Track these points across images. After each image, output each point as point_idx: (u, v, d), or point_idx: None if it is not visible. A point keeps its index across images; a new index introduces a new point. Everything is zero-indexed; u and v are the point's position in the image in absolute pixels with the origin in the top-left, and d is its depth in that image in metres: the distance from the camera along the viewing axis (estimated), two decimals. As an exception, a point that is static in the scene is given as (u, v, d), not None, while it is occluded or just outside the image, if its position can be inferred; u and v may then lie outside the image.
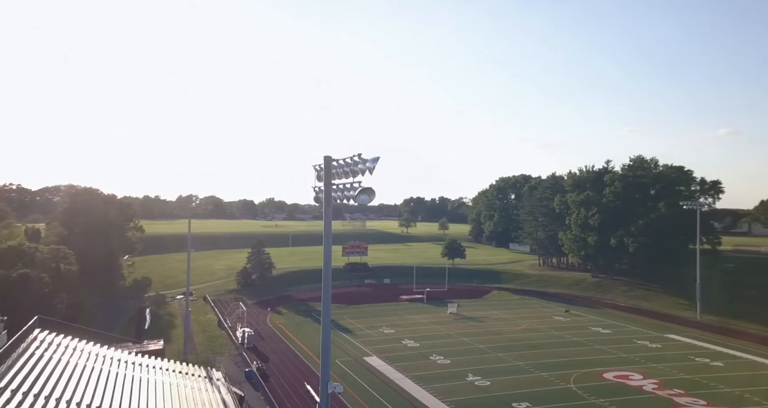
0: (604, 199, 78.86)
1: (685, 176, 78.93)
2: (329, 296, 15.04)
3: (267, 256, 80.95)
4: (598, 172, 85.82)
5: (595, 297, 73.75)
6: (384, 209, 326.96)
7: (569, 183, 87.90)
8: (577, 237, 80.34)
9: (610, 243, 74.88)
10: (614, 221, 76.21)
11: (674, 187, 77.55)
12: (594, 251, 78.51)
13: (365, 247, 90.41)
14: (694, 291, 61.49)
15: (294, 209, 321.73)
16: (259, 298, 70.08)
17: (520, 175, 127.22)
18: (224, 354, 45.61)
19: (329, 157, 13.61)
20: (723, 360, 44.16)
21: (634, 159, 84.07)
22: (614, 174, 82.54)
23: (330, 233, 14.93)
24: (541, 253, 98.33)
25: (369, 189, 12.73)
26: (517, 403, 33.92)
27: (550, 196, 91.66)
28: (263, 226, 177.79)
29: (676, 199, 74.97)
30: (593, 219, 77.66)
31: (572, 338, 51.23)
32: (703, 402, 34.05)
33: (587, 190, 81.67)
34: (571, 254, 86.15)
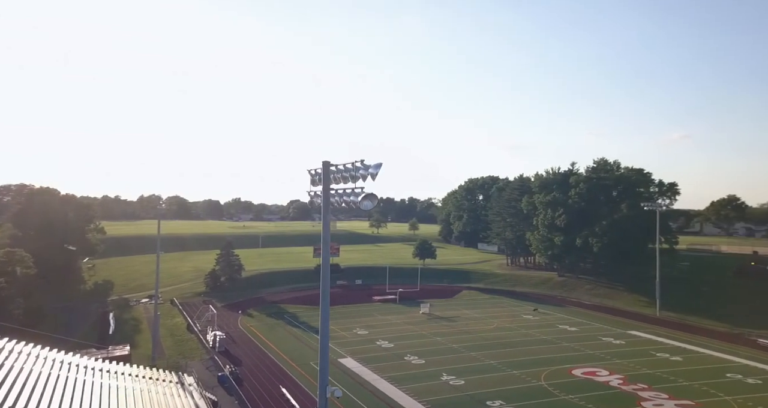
0: (570, 200, 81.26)
1: (644, 178, 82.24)
2: (327, 300, 15.01)
3: (236, 257, 79.49)
4: (563, 173, 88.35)
5: (561, 296, 76.01)
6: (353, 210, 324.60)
7: (536, 184, 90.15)
8: (544, 237, 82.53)
9: (575, 243, 77.27)
10: (579, 222, 78.70)
11: (635, 188, 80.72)
12: (560, 251, 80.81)
13: (337, 249, 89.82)
14: (653, 289, 64.22)
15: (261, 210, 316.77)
16: (229, 301, 68.73)
17: (488, 176, 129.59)
18: (195, 358, 44.54)
19: (327, 162, 13.54)
20: (682, 355, 46.33)
21: (597, 161, 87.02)
22: (579, 176, 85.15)
23: (328, 238, 14.89)
24: (509, 253, 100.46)
25: (372, 194, 12.74)
26: (491, 401, 34.60)
27: (518, 197, 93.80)
28: (230, 227, 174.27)
29: (636, 201, 78.23)
30: (560, 219, 79.95)
31: (541, 336, 52.63)
32: (665, 395, 35.65)
33: (554, 192, 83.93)
34: (539, 254, 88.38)
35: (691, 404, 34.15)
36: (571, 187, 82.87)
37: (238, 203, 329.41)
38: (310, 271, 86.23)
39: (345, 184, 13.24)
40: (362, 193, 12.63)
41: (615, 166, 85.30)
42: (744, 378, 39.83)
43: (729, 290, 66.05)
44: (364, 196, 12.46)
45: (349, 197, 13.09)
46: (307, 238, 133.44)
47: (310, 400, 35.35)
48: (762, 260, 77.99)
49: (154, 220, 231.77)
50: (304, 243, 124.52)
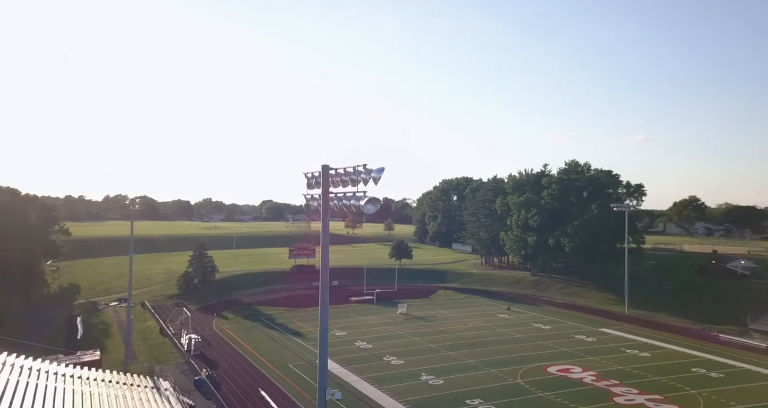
0: (543, 201, 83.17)
1: (613, 180, 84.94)
2: (327, 302, 15.02)
3: (210, 259, 78.02)
4: (536, 175, 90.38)
5: (534, 294, 77.71)
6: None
7: (510, 185, 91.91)
8: (518, 237, 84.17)
9: (548, 243, 79.15)
10: (552, 222, 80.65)
11: (604, 190, 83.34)
12: (533, 251, 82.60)
13: (313, 249, 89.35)
14: (622, 287, 66.42)
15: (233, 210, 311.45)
16: (203, 303, 67.41)
17: (462, 177, 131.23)
18: (169, 362, 43.50)
19: (327, 166, 13.50)
20: (649, 351, 48.06)
21: (568, 163, 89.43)
22: (551, 177, 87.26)
23: (327, 242, 14.86)
24: (483, 253, 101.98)
25: (375, 198, 12.77)
26: (470, 400, 35.09)
27: (492, 197, 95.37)
28: (202, 228, 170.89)
29: (606, 202, 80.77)
30: (533, 220, 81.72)
31: (516, 335, 53.69)
32: (635, 391, 36.94)
33: (527, 193, 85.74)
34: (513, 254, 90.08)
35: (660, 398, 35.50)
36: (544, 188, 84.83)
37: (208, 203, 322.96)
38: (285, 273, 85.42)
39: (344, 188, 13.26)
40: (364, 196, 12.65)
41: (585, 167, 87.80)
42: (708, 372, 41.64)
43: (692, 288, 68.89)
44: (368, 200, 12.49)
45: (349, 201, 13.10)
46: (281, 239, 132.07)
47: (290, 403, 35.09)
48: (722, 259, 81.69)
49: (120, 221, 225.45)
50: (278, 244, 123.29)
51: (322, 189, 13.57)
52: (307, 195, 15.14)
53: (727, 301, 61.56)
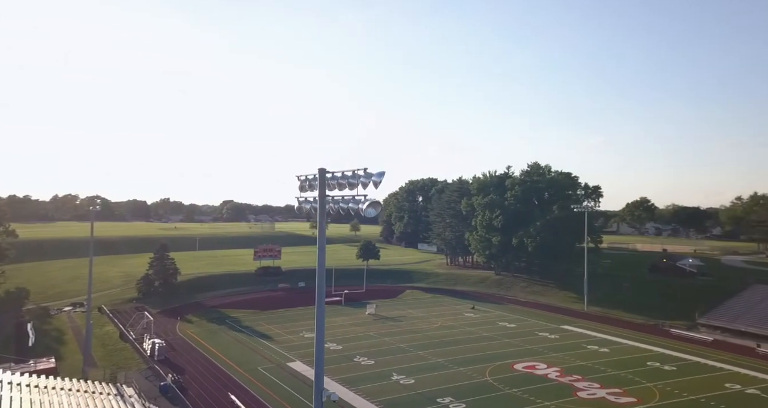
0: (506, 202, 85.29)
1: (572, 182, 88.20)
2: (323, 305, 14.95)
3: (171, 260, 75.64)
4: (500, 176, 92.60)
5: (498, 293, 79.65)
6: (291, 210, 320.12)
7: (475, 187, 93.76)
8: (483, 237, 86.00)
9: (512, 243, 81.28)
10: (515, 222, 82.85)
11: (564, 191, 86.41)
12: (498, 250, 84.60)
13: (278, 251, 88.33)
14: (581, 285, 69.08)
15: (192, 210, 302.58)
16: (165, 307, 65.34)
17: (428, 178, 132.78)
18: (132, 368, 41.96)
19: (324, 169, 13.45)
20: (608, 346, 50.25)
21: (531, 165, 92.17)
22: (514, 179, 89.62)
23: (324, 245, 14.84)
24: (448, 253, 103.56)
25: (376, 201, 12.81)
26: (441, 399, 35.68)
27: (458, 198, 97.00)
28: (161, 229, 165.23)
29: (566, 203, 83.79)
30: (497, 220, 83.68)
31: (483, 333, 54.90)
32: (597, 385, 38.58)
33: (491, 194, 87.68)
34: (477, 253, 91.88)
35: (620, 392, 37.23)
36: (507, 189, 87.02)
37: (166, 203, 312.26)
38: (250, 275, 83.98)
39: (341, 191, 13.26)
40: (365, 200, 12.70)
41: (546, 169, 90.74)
42: (662, 365, 43.98)
43: (645, 285, 72.48)
44: (369, 203, 12.55)
45: (347, 204, 13.11)
46: (244, 241, 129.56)
47: (261, 406, 34.63)
48: (671, 258, 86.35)
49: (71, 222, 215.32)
50: (241, 245, 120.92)
51: (319, 192, 13.53)
52: (300, 197, 15.05)
53: (676, 298, 65.08)
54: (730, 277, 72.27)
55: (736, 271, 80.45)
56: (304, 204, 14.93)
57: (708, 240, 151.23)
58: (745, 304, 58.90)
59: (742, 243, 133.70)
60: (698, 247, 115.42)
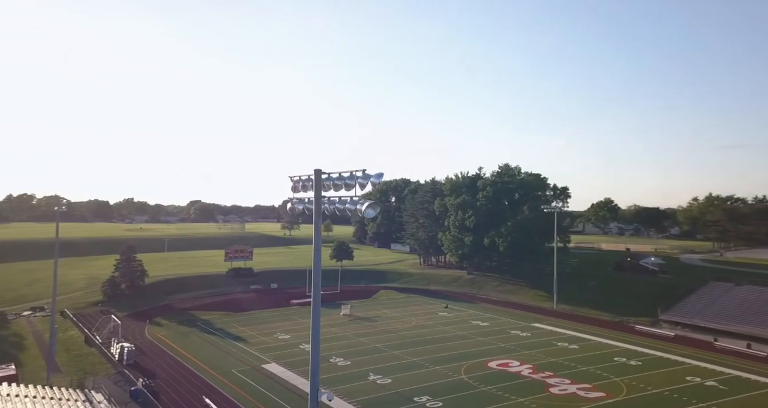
0: (478, 202, 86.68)
1: (541, 183, 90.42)
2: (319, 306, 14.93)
3: (139, 262, 73.56)
4: (472, 177, 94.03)
5: (471, 293, 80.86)
6: (260, 210, 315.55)
7: (447, 187, 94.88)
8: (455, 237, 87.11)
9: (484, 242, 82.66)
10: (487, 223, 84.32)
11: (534, 192, 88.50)
12: (470, 250, 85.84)
13: (250, 252, 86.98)
14: (551, 284, 70.91)
15: (158, 211, 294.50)
16: (132, 310, 63.42)
17: (401, 178, 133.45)
18: (99, 374, 40.62)
19: (319, 170, 13.39)
20: (578, 343, 51.80)
21: (501, 166, 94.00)
22: (486, 180, 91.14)
23: (319, 245, 14.79)
24: (421, 253, 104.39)
25: (374, 203, 12.83)
26: (418, 397, 36.03)
27: (431, 199, 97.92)
28: (125, 230, 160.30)
29: (536, 203, 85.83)
30: (469, 221, 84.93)
31: (457, 332, 55.66)
32: (568, 381, 39.75)
33: (463, 195, 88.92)
34: (450, 253, 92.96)
35: (590, 387, 38.48)
36: (479, 190, 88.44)
37: (130, 204, 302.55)
38: (221, 276, 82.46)
39: (335, 192, 13.27)
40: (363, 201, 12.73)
41: (516, 170, 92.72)
42: (628, 360, 45.67)
43: (610, 283, 74.96)
44: (368, 204, 12.60)
45: (344, 205, 13.13)
46: (214, 241, 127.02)
47: None
48: (635, 256, 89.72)
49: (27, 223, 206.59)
50: (211, 246, 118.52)
51: (314, 193, 13.51)
52: (293, 198, 14.97)
53: (640, 295, 67.60)
54: (689, 275, 75.60)
55: (694, 268, 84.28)
56: (296, 205, 14.86)
57: (667, 239, 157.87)
58: (703, 301, 61.76)
59: (698, 242, 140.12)
60: (659, 246, 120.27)
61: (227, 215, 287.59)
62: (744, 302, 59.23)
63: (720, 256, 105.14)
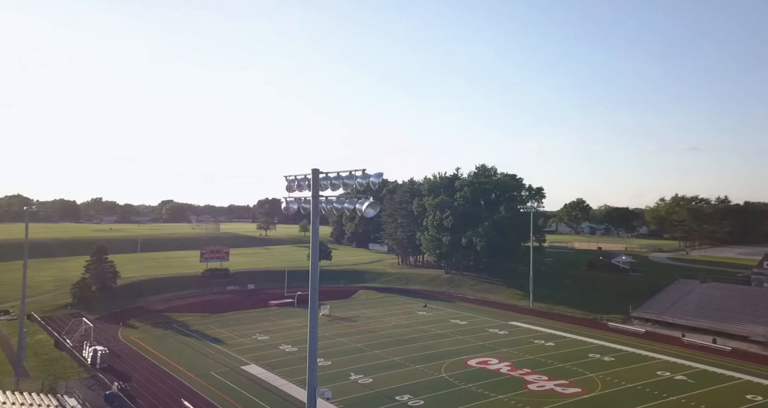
0: (456, 202, 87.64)
1: (517, 183, 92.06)
2: (316, 307, 14.86)
3: (110, 263, 71.57)
4: (450, 178, 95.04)
5: (449, 292, 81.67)
6: (235, 210, 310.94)
7: (425, 187, 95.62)
8: (434, 237, 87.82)
9: (461, 242, 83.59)
10: (465, 222, 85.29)
11: (510, 192, 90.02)
12: (448, 250, 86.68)
13: (226, 252, 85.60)
14: (527, 283, 72.27)
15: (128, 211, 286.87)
16: (104, 312, 61.72)
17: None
18: (71, 378, 39.37)
19: (317, 170, 13.31)
20: (554, 340, 52.97)
21: (478, 167, 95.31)
22: (463, 180, 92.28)
23: (317, 245, 14.71)
24: (399, 252, 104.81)
25: (375, 202, 12.83)
26: (400, 396, 36.24)
27: (409, 199, 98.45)
28: (94, 231, 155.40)
29: (512, 203, 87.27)
30: (447, 220, 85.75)
31: (436, 331, 56.16)
32: (545, 377, 40.64)
33: (441, 195, 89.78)
34: (428, 253, 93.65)
35: (566, 383, 39.44)
36: (457, 190, 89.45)
37: (98, 204, 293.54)
38: (196, 277, 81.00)
39: (333, 192, 13.25)
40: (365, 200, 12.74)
41: (493, 171, 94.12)
42: (602, 357, 46.99)
43: (584, 282, 76.95)
44: (369, 203, 12.60)
45: (342, 204, 13.10)
46: (188, 242, 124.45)
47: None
48: (606, 255, 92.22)
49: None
50: (185, 247, 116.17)
51: (312, 193, 13.45)
52: (288, 198, 14.88)
53: (612, 293, 69.62)
54: (658, 273, 78.25)
55: (662, 267, 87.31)
56: (291, 204, 14.80)
57: (636, 238, 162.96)
58: (671, 298, 64.02)
59: (665, 241, 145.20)
60: (628, 245, 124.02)
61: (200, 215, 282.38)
62: (709, 299, 61.69)
63: (686, 254, 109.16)
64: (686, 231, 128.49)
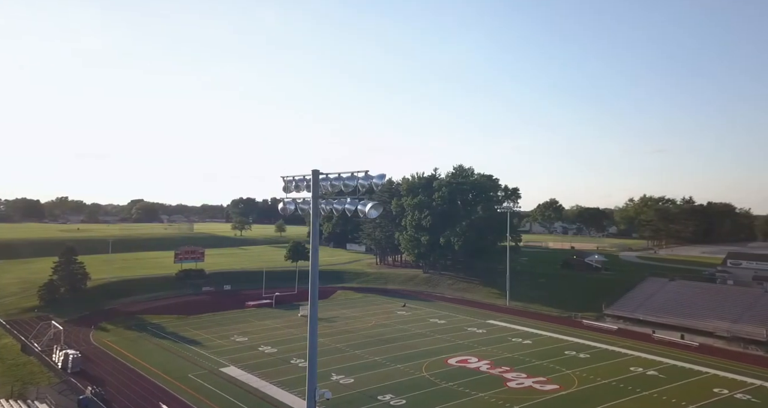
0: (434, 202, 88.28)
1: (493, 183, 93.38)
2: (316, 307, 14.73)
3: (80, 265, 69.40)
4: (428, 178, 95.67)
5: (427, 291, 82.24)
6: (208, 210, 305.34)
7: (404, 188, 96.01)
8: (412, 237, 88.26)
9: (439, 242, 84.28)
10: (443, 222, 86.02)
11: (487, 192, 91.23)
12: (426, 249, 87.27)
13: (201, 253, 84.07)
14: (503, 282, 73.43)
15: (95, 210, 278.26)
16: (74, 315, 59.76)
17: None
18: (41, 383, 38.03)
19: (317, 171, 13.17)
20: (531, 338, 53.96)
21: (456, 167, 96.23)
22: (441, 180, 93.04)
23: (317, 246, 14.55)
24: (378, 252, 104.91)
25: (378, 203, 12.76)
26: (382, 396, 36.33)
27: (388, 199, 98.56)
28: (61, 231, 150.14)
29: (489, 203, 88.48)
30: (425, 220, 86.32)
31: (416, 330, 56.47)
32: (524, 375, 41.39)
33: (420, 195, 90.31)
34: (407, 252, 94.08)
35: (544, 380, 40.28)
36: (435, 190, 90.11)
37: (64, 203, 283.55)
38: (171, 278, 79.24)
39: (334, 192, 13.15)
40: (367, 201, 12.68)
41: (470, 171, 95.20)
42: (577, 353, 48.17)
43: (558, 280, 78.70)
44: (372, 204, 12.55)
45: (342, 205, 13.03)
46: (161, 242, 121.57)
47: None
48: (580, 254, 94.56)
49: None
50: (158, 247, 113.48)
51: (312, 194, 13.34)
52: (285, 198, 14.72)
53: (586, 291, 71.41)
54: (628, 272, 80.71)
55: (632, 265, 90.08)
56: (289, 205, 14.66)
57: (607, 238, 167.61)
58: (642, 296, 66.11)
59: (634, 240, 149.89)
60: (600, 244, 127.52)
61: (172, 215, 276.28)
62: (677, 296, 63.99)
63: (654, 253, 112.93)
64: (654, 230, 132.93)
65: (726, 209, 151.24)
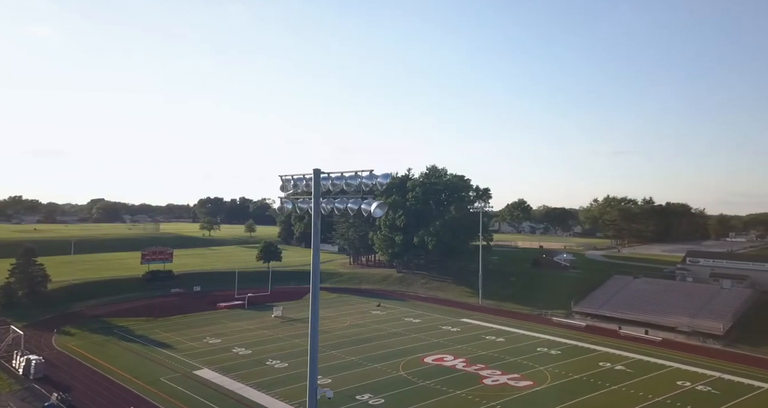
0: (408, 202, 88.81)
1: (465, 184, 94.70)
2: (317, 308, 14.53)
3: (39, 267, 66.36)
4: (402, 178, 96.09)
5: (401, 290, 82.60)
6: (174, 210, 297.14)
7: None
8: (386, 237, 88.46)
9: (413, 241, 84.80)
10: (416, 222, 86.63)
11: (459, 193, 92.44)
12: (400, 249, 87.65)
13: (170, 253, 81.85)
14: (475, 280, 74.55)
15: (52, 210, 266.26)
16: (34, 319, 57.19)
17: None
18: (2, 391, 36.40)
19: (318, 170, 13.00)
20: (504, 336, 55.00)
21: (429, 168, 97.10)
22: (415, 181, 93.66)
23: (318, 245, 14.35)
24: (351, 252, 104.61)
25: (383, 203, 12.69)
26: (360, 396, 36.34)
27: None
28: (15, 231, 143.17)
29: (461, 204, 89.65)
30: (399, 220, 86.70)
31: (391, 330, 56.66)
32: (499, 372, 42.18)
33: (394, 195, 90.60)
34: (381, 252, 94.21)
35: (519, 376, 41.17)
36: (409, 190, 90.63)
37: (17, 202, 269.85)
38: (137, 280, 76.88)
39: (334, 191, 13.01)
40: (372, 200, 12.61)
41: (443, 172, 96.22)
42: (549, 350, 49.41)
43: (529, 279, 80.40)
44: (378, 204, 12.48)
45: (344, 204, 12.90)
46: (125, 243, 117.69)
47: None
48: (548, 253, 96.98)
49: None
50: (122, 248, 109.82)
51: (313, 193, 13.18)
52: (282, 197, 14.47)
53: (555, 289, 73.17)
54: (595, 270, 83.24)
55: (598, 264, 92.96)
56: (286, 204, 14.44)
57: (572, 237, 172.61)
58: (608, 293, 68.40)
59: (598, 239, 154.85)
60: (567, 244, 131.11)
61: (135, 215, 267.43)
62: (641, 293, 66.51)
63: (618, 252, 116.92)
64: (617, 230, 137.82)
65: (683, 209, 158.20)
